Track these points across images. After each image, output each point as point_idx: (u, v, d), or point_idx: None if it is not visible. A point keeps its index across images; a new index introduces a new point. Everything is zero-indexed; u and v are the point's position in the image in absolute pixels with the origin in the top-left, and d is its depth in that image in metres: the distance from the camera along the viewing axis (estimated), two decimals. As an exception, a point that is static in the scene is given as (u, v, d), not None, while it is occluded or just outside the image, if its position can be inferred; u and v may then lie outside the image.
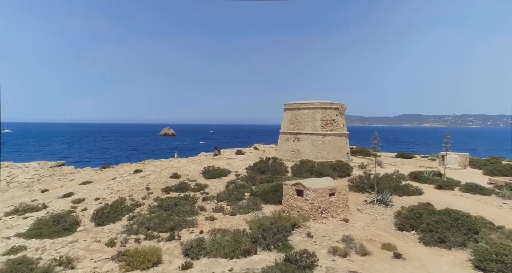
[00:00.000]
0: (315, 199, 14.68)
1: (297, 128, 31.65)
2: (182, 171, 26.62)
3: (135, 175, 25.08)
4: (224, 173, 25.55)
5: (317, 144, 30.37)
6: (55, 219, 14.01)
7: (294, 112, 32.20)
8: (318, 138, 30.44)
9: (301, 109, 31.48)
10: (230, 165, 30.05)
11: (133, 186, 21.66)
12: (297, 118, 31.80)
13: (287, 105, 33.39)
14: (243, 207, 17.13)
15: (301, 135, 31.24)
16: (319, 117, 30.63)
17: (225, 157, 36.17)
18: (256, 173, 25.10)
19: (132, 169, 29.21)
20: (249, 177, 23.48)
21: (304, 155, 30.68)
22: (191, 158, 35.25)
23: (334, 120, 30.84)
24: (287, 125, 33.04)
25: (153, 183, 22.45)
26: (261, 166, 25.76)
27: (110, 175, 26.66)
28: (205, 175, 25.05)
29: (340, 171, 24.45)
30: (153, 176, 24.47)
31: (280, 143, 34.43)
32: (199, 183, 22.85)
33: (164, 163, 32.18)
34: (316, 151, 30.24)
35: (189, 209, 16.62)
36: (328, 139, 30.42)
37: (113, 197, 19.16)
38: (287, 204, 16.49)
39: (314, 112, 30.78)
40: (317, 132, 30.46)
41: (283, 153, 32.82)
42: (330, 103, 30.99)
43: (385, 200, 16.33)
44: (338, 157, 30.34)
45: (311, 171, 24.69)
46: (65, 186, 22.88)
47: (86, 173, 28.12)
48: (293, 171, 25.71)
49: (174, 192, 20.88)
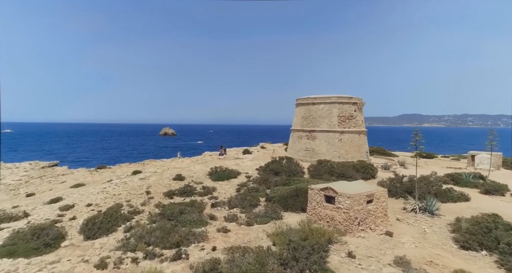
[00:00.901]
0: (351, 208, 12.19)
1: (312, 125, 29.14)
2: (186, 172, 24.17)
3: (134, 177, 22.65)
4: (233, 175, 23.09)
5: (334, 142, 27.86)
6: (35, 232, 11.57)
7: (308, 107, 29.69)
8: (335, 135, 27.92)
9: (316, 104, 28.96)
10: (238, 165, 27.57)
11: (131, 189, 19.22)
12: (311, 114, 29.29)
13: (300, 100, 30.88)
14: (260, 216, 14.66)
15: (316, 133, 28.74)
16: (336, 113, 28.11)
17: (232, 156, 33.70)
18: (269, 174, 22.63)
19: (131, 169, 26.78)
20: (262, 179, 21.00)
21: (319, 154, 28.18)
22: (195, 158, 32.81)
23: (352, 116, 28.32)
24: (300, 122, 30.54)
25: (154, 186, 20.02)
26: (274, 167, 23.27)
27: (106, 176, 24.24)
28: (212, 177, 22.59)
29: (364, 173, 21.94)
30: (154, 178, 22.04)
31: (291, 141, 31.94)
32: (206, 186, 20.41)
33: (165, 163, 29.75)
34: (333, 150, 27.73)
35: (197, 218, 14.17)
36: (346, 136, 27.90)
37: (107, 202, 16.73)
38: (313, 212, 14.00)
39: (330, 108, 28.27)
40: (334, 129, 27.94)
41: (295, 152, 30.32)
42: (348, 98, 28.46)
43: (430, 208, 13.80)
44: (357, 157, 27.83)
45: (331, 172, 22.20)
46: (54, 189, 20.49)
47: (80, 174, 25.71)
48: (310, 172, 23.22)
49: (178, 196, 18.45)
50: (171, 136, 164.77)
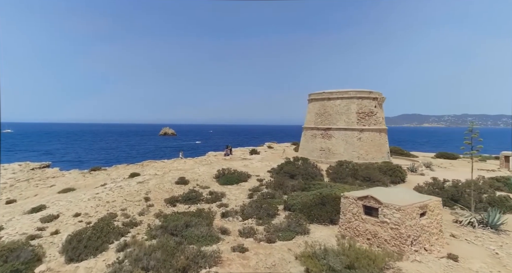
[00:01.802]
0: (402, 223, 9.73)
1: (327, 123, 26.69)
2: (190, 174, 21.75)
3: (131, 180, 20.22)
4: (243, 178, 20.66)
5: (352, 141, 25.41)
6: (2, 254, 9.13)
7: (323, 103, 27.23)
8: (353, 134, 25.48)
9: (332, 99, 26.51)
10: (247, 167, 25.14)
11: (128, 195, 16.81)
12: (326, 110, 26.84)
13: (314, 95, 28.43)
14: (282, 229, 12.21)
15: (332, 131, 26.29)
16: (354, 109, 25.66)
17: (238, 157, 31.28)
18: (284, 177, 20.20)
19: (128, 171, 24.36)
20: (277, 183, 18.56)
21: (336, 154, 25.72)
22: (198, 158, 30.39)
23: (372, 113, 25.87)
24: (313, 119, 28.08)
25: (154, 191, 17.60)
26: (289, 169, 20.83)
27: (100, 179, 21.84)
28: (220, 180, 20.16)
29: (392, 176, 19.48)
30: (153, 182, 19.62)
31: (304, 140, 29.49)
32: (214, 190, 17.98)
33: (166, 164, 27.33)
34: (352, 150, 25.28)
35: (207, 232, 11.72)
36: (365, 135, 25.45)
37: (99, 211, 14.32)
38: (347, 226, 11.56)
39: (348, 103, 25.81)
40: (352, 127, 25.50)
41: (308, 153, 27.87)
42: (368, 92, 26.00)
43: (493, 222, 11.34)
44: (378, 157, 25.38)
45: (355, 175, 19.75)
46: (40, 195, 18.11)
47: (72, 176, 23.32)
48: (330, 175, 20.80)
49: (182, 203, 16.04)
50: (171, 136, 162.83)
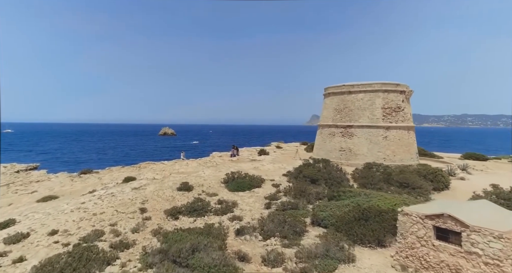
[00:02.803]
0: (506, 257, 6.85)
1: (348, 120, 23.81)
2: (193, 178, 18.90)
3: (125, 186, 17.38)
4: (256, 183, 17.81)
5: (377, 140, 22.53)
6: None
7: (342, 98, 24.34)
8: (378, 132, 22.60)
9: (354, 93, 23.61)
10: (258, 169, 22.28)
11: (120, 205, 13.97)
12: (347, 105, 23.95)
13: (331, 89, 25.54)
14: (319, 255, 9.35)
15: (353, 128, 23.41)
16: (379, 104, 22.77)
17: (246, 158, 28.41)
18: (305, 182, 17.35)
19: (123, 174, 21.51)
20: (297, 190, 15.71)
21: (358, 155, 22.85)
22: (202, 160, 27.50)
23: (400, 108, 22.98)
24: (331, 115, 25.20)
25: (152, 200, 14.76)
26: (309, 172, 17.96)
27: (90, 184, 19.02)
28: (229, 186, 17.32)
29: (434, 181, 16.59)
30: (151, 188, 16.78)
31: (320, 139, 26.61)
32: (223, 199, 15.15)
33: (166, 166, 24.47)
34: (377, 150, 22.41)
35: (220, 259, 8.88)
36: (392, 133, 22.57)
37: (82, 228, 11.48)
38: (410, 253, 8.70)
39: (372, 97, 22.92)
40: (377, 124, 22.63)
41: (326, 153, 24.99)
42: (395, 85, 23.11)
43: None
44: (407, 159, 22.51)
45: (388, 180, 16.89)
46: (15, 204, 15.27)
47: (58, 181, 20.49)
48: (358, 179, 17.96)
49: (186, 215, 13.20)
50: (171, 136, 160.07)
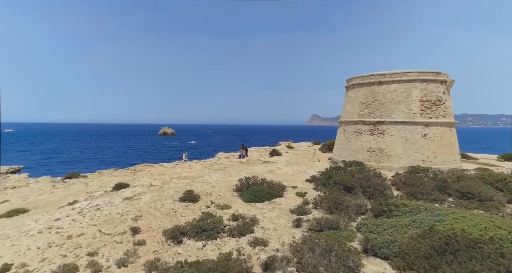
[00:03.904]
0: None
1: (378, 115, 20.56)
2: (199, 185, 15.67)
3: (115, 195, 14.14)
4: (277, 191, 14.56)
5: (414, 139, 19.27)
6: None
7: (371, 89, 21.07)
8: (416, 129, 19.34)
9: (385, 83, 20.34)
10: (273, 173, 19.05)
11: (106, 222, 10.74)
12: (377, 98, 20.69)
13: (357, 79, 22.27)
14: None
15: (385, 125, 20.15)
16: (417, 96, 19.51)
17: (256, 159, 25.18)
18: (337, 190, 14.09)
19: (114, 180, 18.24)
20: (331, 202, 12.45)
21: (391, 156, 19.59)
22: (207, 161, 24.23)
23: (440, 101, 19.73)
24: (357, 110, 21.93)
25: (148, 215, 11.53)
26: (342, 179, 14.68)
27: (73, 192, 15.76)
28: (244, 195, 14.07)
29: (504, 190, 13.30)
30: (147, 198, 13.55)
31: (343, 138, 23.34)
32: (238, 213, 11.92)
33: (166, 169, 21.22)
34: (414, 151, 19.14)
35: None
36: (432, 130, 19.31)
37: (49, 259, 8.27)
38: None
39: (408, 88, 19.65)
40: (414, 120, 19.37)
41: (351, 154, 21.73)
42: (435, 74, 19.84)
43: None
44: (450, 161, 19.25)
45: (443, 188, 13.63)
46: (-29, 221, 12.06)
47: (37, 187, 17.28)
48: (401, 187, 14.68)
49: (193, 238, 9.97)
50: (170, 136, 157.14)
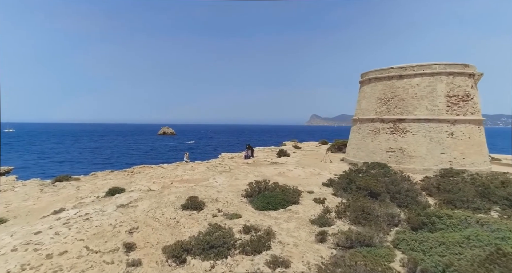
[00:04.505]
0: None
1: (399, 112, 18.87)
2: (203, 190, 14.00)
3: (108, 202, 12.47)
4: (292, 197, 12.88)
5: (440, 138, 17.59)
6: None
7: (390, 84, 19.39)
8: (441, 127, 17.66)
9: (406, 77, 18.65)
10: (284, 175, 17.37)
11: (96, 236, 9.07)
12: (397, 93, 19.00)
13: (373, 73, 20.57)
14: None
15: (407, 123, 18.47)
16: (442, 91, 17.83)
17: (263, 160, 23.49)
18: (362, 197, 12.41)
19: (109, 183, 16.56)
20: (358, 210, 10.77)
21: (414, 157, 17.90)
22: (210, 162, 22.53)
23: (468, 96, 18.06)
24: (374, 106, 20.25)
25: (145, 227, 9.85)
26: (366, 183, 12.98)
27: (61, 198, 14.08)
28: (255, 202, 12.38)
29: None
30: (145, 205, 11.88)
31: (358, 137, 21.65)
32: (251, 223, 10.25)
33: (167, 171, 19.54)
34: (439, 151, 17.46)
35: None
36: (460, 129, 17.64)
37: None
38: None
39: (433, 82, 17.97)
40: (439, 117, 17.69)
41: (367, 155, 20.05)
42: (463, 66, 18.16)
43: None
44: (479, 162, 17.58)
45: (487, 195, 11.94)
46: None
47: (23, 191, 15.63)
48: (434, 193, 12.99)
49: (199, 256, 8.30)
50: (170, 135, 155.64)
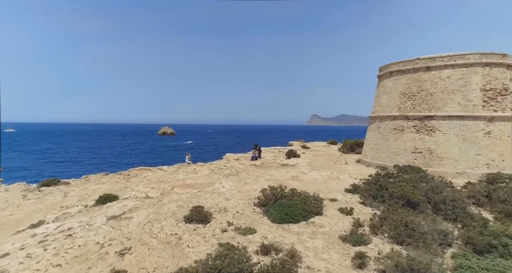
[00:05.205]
0: None
1: (426, 108, 16.95)
2: (209, 197, 12.11)
3: (98, 213, 10.59)
4: (313, 206, 10.98)
5: (475, 137, 15.68)
6: None
7: (415, 77, 17.47)
8: (477, 125, 15.75)
9: (435, 69, 16.74)
10: (299, 179, 15.47)
11: (78, 260, 7.20)
12: (424, 87, 17.09)
13: (395, 66, 18.65)
14: None
15: (435, 120, 16.56)
16: (478, 84, 15.93)
17: (272, 161, 21.59)
18: (398, 206, 10.51)
19: (101, 188, 14.68)
20: (400, 225, 8.88)
21: (444, 159, 15.99)
22: (214, 164, 20.60)
23: (507, 90, 16.15)
24: (396, 103, 18.34)
25: (140, 247, 7.96)
26: (401, 190, 11.07)
27: (45, 206, 12.19)
28: (270, 212, 10.48)
29: None
30: (141, 216, 10.01)
31: (377, 137, 19.75)
32: (268, 241, 8.35)
33: (166, 174, 17.66)
34: (475, 152, 15.55)
35: None
36: (498, 127, 15.72)
37: None
38: None
39: (466, 74, 16.06)
40: (474, 113, 15.79)
41: (389, 156, 18.14)
42: (500, 56, 16.24)
43: None
44: (519, 164, 15.65)
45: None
46: None
47: (4, 198, 13.72)
48: (483, 202, 11.08)
49: (207, 291, 6.38)
50: (170, 135, 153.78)
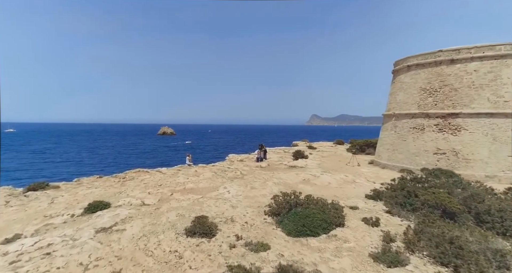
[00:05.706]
0: None
1: (450, 104, 15.56)
2: (213, 204, 10.71)
3: (85, 224, 9.21)
4: (333, 215, 9.56)
5: (507, 137, 14.29)
6: None
7: (437, 71, 16.08)
8: (509, 123, 14.35)
9: (460, 62, 15.35)
10: (310, 183, 14.06)
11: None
12: (446, 82, 15.70)
13: (413, 60, 17.24)
14: None
15: (461, 118, 15.17)
16: (509, 78, 14.53)
17: (279, 162, 20.19)
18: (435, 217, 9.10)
19: (93, 193, 13.28)
20: (445, 242, 7.47)
21: (471, 161, 14.59)
22: (217, 166, 19.19)
23: (540, 85, 14.74)
24: (416, 99, 16.94)
25: (131, 269, 6.57)
26: (435, 198, 9.67)
27: (27, 215, 10.77)
28: (285, 223, 9.08)
29: None
30: (136, 228, 8.61)
31: (393, 137, 18.35)
32: (286, 260, 6.94)
33: (166, 176, 16.25)
34: (507, 153, 14.16)
35: None
36: (531, 125, 14.33)
37: None
38: None
39: (496, 67, 14.67)
40: (505, 111, 14.39)
41: (407, 157, 16.73)
42: (534, 47, 14.86)
43: None
44: (555, 166, 14.24)
45: None
46: None
47: (-18, 204, 12.46)
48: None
49: None
50: (170, 135, 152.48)
